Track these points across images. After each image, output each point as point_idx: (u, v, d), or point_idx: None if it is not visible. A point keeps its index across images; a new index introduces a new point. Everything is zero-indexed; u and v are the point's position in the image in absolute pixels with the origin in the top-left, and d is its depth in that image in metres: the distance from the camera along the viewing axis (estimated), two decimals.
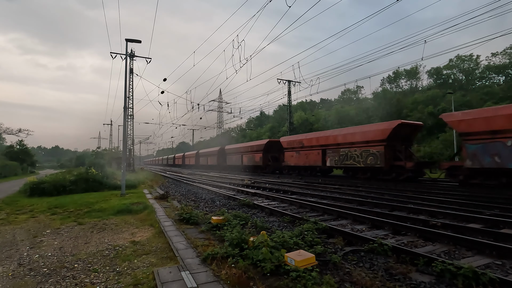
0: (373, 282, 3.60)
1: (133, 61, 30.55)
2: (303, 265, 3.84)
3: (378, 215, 7.57)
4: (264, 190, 14.39)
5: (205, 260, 4.39)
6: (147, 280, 3.78)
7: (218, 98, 76.17)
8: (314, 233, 5.61)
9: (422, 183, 16.62)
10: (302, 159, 25.46)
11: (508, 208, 8.10)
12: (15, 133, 46.36)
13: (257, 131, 67.90)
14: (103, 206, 9.79)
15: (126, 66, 14.63)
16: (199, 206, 10.22)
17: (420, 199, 10.26)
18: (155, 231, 6.40)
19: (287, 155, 27.68)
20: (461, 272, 3.60)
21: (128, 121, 27.87)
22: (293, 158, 26.72)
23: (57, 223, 7.60)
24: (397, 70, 55.01)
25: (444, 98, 37.68)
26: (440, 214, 7.65)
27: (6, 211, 9.65)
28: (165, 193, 12.93)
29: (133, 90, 31.72)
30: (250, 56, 15.72)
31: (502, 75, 44.36)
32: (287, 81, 37.76)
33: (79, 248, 5.34)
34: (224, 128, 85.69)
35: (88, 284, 3.77)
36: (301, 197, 11.49)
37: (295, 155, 26.56)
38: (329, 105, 63.92)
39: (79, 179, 15.49)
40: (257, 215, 8.41)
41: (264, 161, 31.85)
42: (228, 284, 3.59)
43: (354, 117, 43.42)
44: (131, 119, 32.36)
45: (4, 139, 56.91)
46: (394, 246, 4.78)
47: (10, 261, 4.71)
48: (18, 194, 14.57)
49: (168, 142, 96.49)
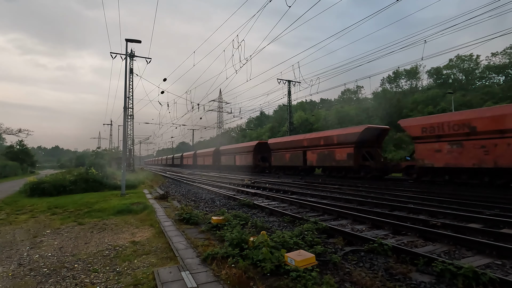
0: (373, 282, 3.60)
1: (133, 61, 30.57)
2: (303, 265, 3.84)
3: (378, 215, 7.57)
4: (264, 190, 14.39)
5: (205, 260, 4.39)
6: (147, 280, 3.78)
7: (218, 98, 76.17)
8: (314, 233, 5.61)
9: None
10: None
11: (508, 208, 8.10)
12: (15, 133, 46.41)
13: (257, 131, 67.85)
14: (103, 206, 9.79)
15: (126, 66, 14.64)
16: (199, 206, 10.22)
17: (420, 199, 10.26)
18: (155, 231, 6.40)
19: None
20: (461, 272, 3.59)
21: (128, 121, 27.88)
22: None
23: (57, 223, 7.61)
24: (397, 70, 55.00)
25: (444, 98, 37.68)
26: (440, 214, 7.65)
27: (6, 211, 9.65)
28: (165, 193, 12.92)
29: (133, 90, 31.73)
30: (250, 56, 15.72)
31: (502, 75, 44.35)
32: (287, 81, 37.73)
33: (79, 248, 5.34)
34: (224, 128, 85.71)
35: (88, 284, 3.77)
36: (301, 197, 11.49)
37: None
38: (329, 105, 63.88)
39: (79, 179, 15.49)
40: (257, 215, 8.41)
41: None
42: (228, 284, 3.59)
43: (354, 117, 43.38)
44: (131, 119, 32.35)
45: (4, 139, 56.95)
46: (394, 246, 4.78)
47: (10, 261, 4.71)
48: (18, 194, 14.57)
49: (168, 142, 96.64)
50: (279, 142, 29.47)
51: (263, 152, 33.28)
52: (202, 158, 51.11)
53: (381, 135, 21.59)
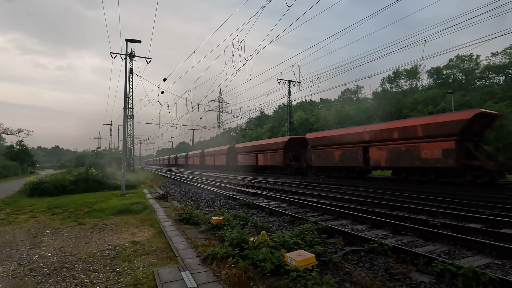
0: (373, 282, 3.60)
1: (133, 61, 30.56)
2: (303, 265, 3.84)
3: (378, 215, 7.57)
4: (264, 190, 14.39)
5: (205, 260, 4.39)
6: (147, 280, 3.78)
7: (218, 98, 76.27)
8: (314, 233, 5.61)
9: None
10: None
11: (508, 208, 8.10)
12: (15, 133, 46.41)
13: (257, 131, 67.83)
14: (103, 206, 9.79)
15: (126, 66, 14.64)
16: (199, 206, 10.22)
17: (420, 199, 10.26)
18: (155, 231, 6.40)
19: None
20: (461, 272, 3.60)
21: (128, 121, 27.85)
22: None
23: (57, 223, 7.61)
24: (397, 70, 54.94)
25: (444, 98, 37.65)
26: (440, 214, 7.65)
27: (6, 211, 9.65)
28: (165, 193, 12.92)
29: (133, 90, 31.73)
30: (250, 56, 15.71)
31: (502, 75, 44.29)
32: (287, 81, 37.74)
33: (79, 248, 5.34)
34: (224, 128, 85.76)
35: (88, 284, 3.77)
36: (301, 197, 11.48)
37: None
38: (329, 105, 63.85)
39: (79, 179, 15.49)
40: (257, 215, 8.41)
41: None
42: (228, 284, 3.59)
43: (354, 117, 43.37)
44: (131, 119, 32.36)
45: (4, 139, 56.90)
46: (394, 246, 4.78)
47: (10, 261, 4.71)
48: (18, 194, 14.56)
49: (168, 142, 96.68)
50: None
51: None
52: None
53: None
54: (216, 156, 43.97)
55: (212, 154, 45.98)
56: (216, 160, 43.87)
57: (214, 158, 44.97)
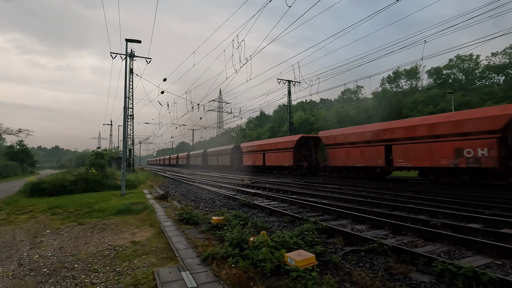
0: (373, 282, 3.60)
1: (133, 61, 30.61)
2: (303, 265, 3.84)
3: (378, 215, 7.57)
4: (264, 190, 14.39)
5: (205, 260, 4.39)
6: (147, 280, 3.78)
7: (218, 98, 76.27)
8: (314, 233, 5.61)
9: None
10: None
11: (508, 208, 8.10)
12: (15, 133, 46.31)
13: (257, 131, 67.84)
14: (103, 206, 9.78)
15: (126, 66, 14.64)
16: (199, 206, 10.21)
17: (420, 199, 10.26)
18: (155, 231, 6.40)
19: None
20: (461, 272, 3.60)
21: (128, 121, 27.85)
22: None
23: (57, 223, 7.60)
24: (397, 70, 55.00)
25: (444, 98, 37.67)
26: (440, 214, 7.65)
27: (6, 211, 9.65)
28: (165, 193, 12.93)
29: (133, 90, 31.76)
30: (250, 56, 15.72)
31: (502, 75, 44.31)
32: (287, 81, 37.74)
33: (79, 248, 5.34)
34: (224, 128, 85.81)
35: (88, 284, 3.77)
36: (301, 197, 11.48)
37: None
38: (329, 105, 63.87)
39: (79, 179, 15.47)
40: (257, 215, 8.41)
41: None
42: (228, 284, 3.59)
43: (354, 117, 43.37)
44: (131, 119, 32.38)
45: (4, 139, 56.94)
46: (394, 246, 4.78)
47: (10, 261, 4.71)
48: (18, 194, 14.55)
49: (168, 142, 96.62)
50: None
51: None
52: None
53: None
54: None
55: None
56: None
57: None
